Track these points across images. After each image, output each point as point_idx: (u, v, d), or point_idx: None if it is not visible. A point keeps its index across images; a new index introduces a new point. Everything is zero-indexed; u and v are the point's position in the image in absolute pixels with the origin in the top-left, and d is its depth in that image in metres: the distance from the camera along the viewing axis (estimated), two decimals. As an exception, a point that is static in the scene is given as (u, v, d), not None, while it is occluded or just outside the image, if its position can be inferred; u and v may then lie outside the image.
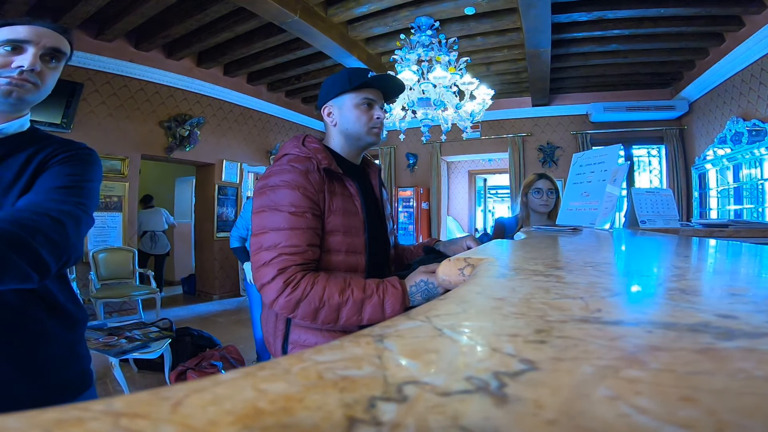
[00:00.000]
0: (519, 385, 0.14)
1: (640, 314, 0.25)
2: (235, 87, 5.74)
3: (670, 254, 0.68)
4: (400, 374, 0.15)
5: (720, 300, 0.30)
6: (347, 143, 1.14)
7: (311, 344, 1.01)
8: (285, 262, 0.92)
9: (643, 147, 6.17)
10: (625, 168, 1.53)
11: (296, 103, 6.80)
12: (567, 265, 0.50)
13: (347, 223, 1.03)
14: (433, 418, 0.12)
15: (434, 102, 3.73)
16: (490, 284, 0.36)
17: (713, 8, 3.79)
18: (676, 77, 5.44)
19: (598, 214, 1.30)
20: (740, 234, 1.62)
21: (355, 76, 1.09)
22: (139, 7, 3.86)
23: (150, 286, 4.47)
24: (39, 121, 3.85)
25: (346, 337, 0.19)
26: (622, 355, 0.17)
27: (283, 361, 0.16)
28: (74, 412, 0.12)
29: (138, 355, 2.46)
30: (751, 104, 4.08)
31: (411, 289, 0.94)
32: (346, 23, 4.39)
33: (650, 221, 1.61)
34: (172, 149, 5.02)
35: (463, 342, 0.20)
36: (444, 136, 4.23)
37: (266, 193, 0.98)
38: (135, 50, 4.65)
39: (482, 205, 8.52)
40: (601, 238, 0.99)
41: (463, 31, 4.28)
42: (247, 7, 3.70)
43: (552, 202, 1.98)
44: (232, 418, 0.12)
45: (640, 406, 0.12)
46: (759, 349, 0.17)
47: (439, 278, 0.59)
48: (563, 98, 6.16)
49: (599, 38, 4.44)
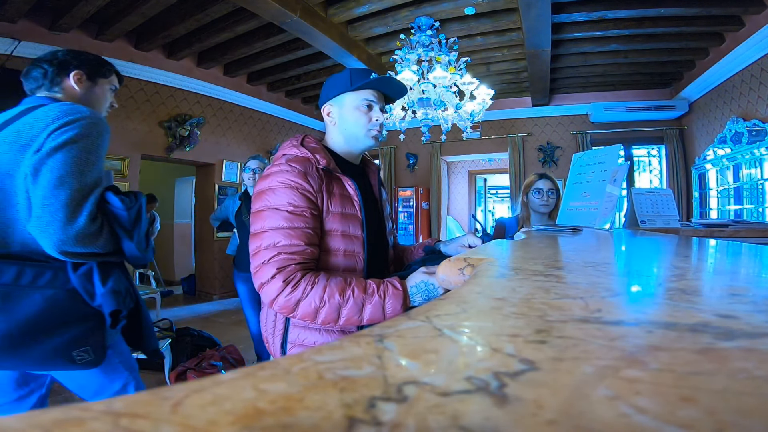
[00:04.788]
0: (519, 385, 0.14)
1: (640, 314, 0.25)
2: (235, 87, 5.74)
3: (670, 254, 0.68)
4: (400, 374, 0.15)
5: (720, 300, 0.30)
6: (346, 143, 1.13)
7: (310, 344, 1.01)
8: (284, 260, 0.92)
9: (643, 147, 6.17)
10: (625, 168, 1.53)
11: (296, 103, 6.80)
12: (567, 265, 0.50)
13: (346, 223, 1.03)
14: (433, 418, 0.12)
15: (434, 102, 3.73)
16: (490, 284, 0.36)
17: (713, 8, 3.79)
18: (676, 77, 5.44)
19: (598, 214, 1.30)
20: (740, 234, 1.62)
21: (356, 77, 1.09)
22: (139, 7, 3.86)
23: (150, 286, 4.47)
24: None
25: (346, 337, 0.19)
26: (622, 355, 0.17)
27: (283, 361, 0.16)
28: (74, 412, 0.12)
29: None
30: (751, 104, 4.08)
31: (411, 290, 0.94)
32: (346, 23, 4.39)
33: (650, 221, 1.60)
34: (172, 149, 5.02)
35: (463, 342, 0.20)
36: (444, 136, 4.23)
37: (265, 194, 0.98)
38: (135, 50, 4.65)
39: (482, 205, 8.52)
40: (601, 238, 0.99)
41: (463, 31, 4.28)
42: (247, 7, 3.69)
43: (552, 202, 1.98)
44: (232, 418, 0.12)
45: (640, 406, 0.12)
46: (759, 349, 0.17)
47: (439, 278, 0.59)
48: (563, 98, 6.16)
49: (599, 38, 4.44)
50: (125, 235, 1.08)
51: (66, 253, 0.98)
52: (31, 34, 3.82)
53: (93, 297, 1.05)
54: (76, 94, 1.18)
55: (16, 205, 1.01)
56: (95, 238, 1.01)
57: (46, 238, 0.96)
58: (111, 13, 4.02)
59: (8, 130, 1.02)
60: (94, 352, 1.05)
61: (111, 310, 1.06)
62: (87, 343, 1.04)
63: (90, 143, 1.03)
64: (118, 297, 1.07)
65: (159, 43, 4.61)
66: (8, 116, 1.05)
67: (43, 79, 1.15)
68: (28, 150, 0.98)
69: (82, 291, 1.03)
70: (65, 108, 1.04)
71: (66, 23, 3.88)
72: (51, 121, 1.00)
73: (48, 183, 0.96)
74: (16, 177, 0.99)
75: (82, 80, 1.19)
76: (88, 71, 1.22)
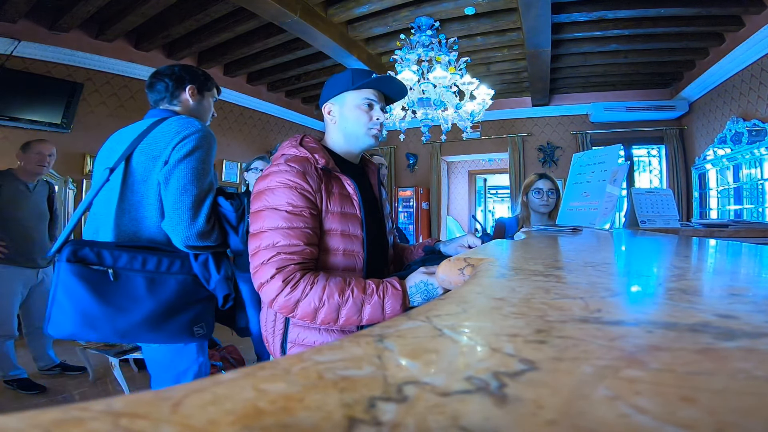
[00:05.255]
0: (519, 385, 0.14)
1: (640, 314, 0.25)
2: (235, 87, 5.74)
3: (670, 254, 0.68)
4: (400, 374, 0.15)
5: (720, 300, 0.30)
6: (346, 142, 1.13)
7: (310, 343, 1.01)
8: (283, 260, 0.92)
9: (643, 147, 6.17)
10: (625, 168, 1.53)
11: (296, 103, 6.80)
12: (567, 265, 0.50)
13: (345, 222, 1.03)
14: (433, 418, 0.12)
15: (434, 102, 3.73)
16: (490, 284, 0.36)
17: (713, 8, 3.79)
18: (676, 77, 5.44)
19: (598, 214, 1.30)
20: (740, 234, 1.62)
21: (358, 76, 1.09)
22: (139, 7, 3.86)
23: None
24: (39, 121, 3.85)
25: (346, 337, 0.19)
26: (622, 355, 0.17)
27: (283, 361, 0.16)
28: (74, 412, 0.12)
29: (138, 355, 2.45)
30: (751, 104, 4.08)
31: (411, 290, 0.94)
32: (346, 23, 4.38)
33: (650, 221, 1.60)
34: (172, 149, 5.02)
35: (463, 342, 0.20)
36: (444, 136, 4.23)
37: (264, 194, 0.98)
38: (135, 50, 4.65)
39: (482, 205, 8.52)
40: (601, 238, 0.99)
41: (463, 31, 4.28)
42: (247, 7, 3.69)
43: (552, 202, 1.98)
44: (232, 418, 0.12)
45: (640, 406, 0.12)
46: (759, 349, 0.17)
47: (439, 278, 0.59)
48: (563, 98, 6.16)
49: (599, 38, 4.44)
50: (232, 231, 1.30)
51: (189, 246, 1.21)
52: (31, 34, 3.82)
53: (209, 282, 1.25)
54: (190, 106, 1.42)
55: (147, 206, 1.22)
56: (210, 234, 1.24)
57: (176, 235, 1.19)
58: (111, 13, 4.02)
59: (143, 143, 1.24)
60: (207, 327, 1.26)
61: (225, 294, 1.26)
62: (203, 320, 1.25)
63: (203, 153, 1.25)
64: (229, 282, 1.28)
65: (159, 43, 4.61)
66: (141, 129, 1.28)
67: (165, 92, 1.38)
68: (158, 161, 1.21)
69: (201, 276, 1.24)
70: (183, 122, 1.27)
71: (66, 23, 3.88)
72: (173, 135, 1.23)
73: (175, 190, 1.19)
74: (149, 183, 1.22)
75: (194, 94, 1.43)
76: (199, 86, 1.44)
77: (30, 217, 2.56)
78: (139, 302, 1.13)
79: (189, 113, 1.40)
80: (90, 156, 4.28)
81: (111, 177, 1.20)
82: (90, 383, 2.67)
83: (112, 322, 1.10)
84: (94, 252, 1.12)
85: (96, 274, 1.11)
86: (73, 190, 4.11)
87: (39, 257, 2.58)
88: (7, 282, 2.45)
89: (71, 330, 1.11)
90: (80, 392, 2.56)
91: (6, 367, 2.47)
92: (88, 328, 1.10)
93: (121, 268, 1.13)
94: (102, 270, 1.12)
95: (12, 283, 2.47)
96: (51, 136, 3.84)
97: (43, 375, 2.68)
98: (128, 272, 1.14)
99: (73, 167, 4.18)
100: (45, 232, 2.66)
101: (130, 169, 1.22)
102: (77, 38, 4.16)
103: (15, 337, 2.51)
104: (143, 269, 1.15)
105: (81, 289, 1.09)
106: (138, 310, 1.12)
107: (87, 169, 4.27)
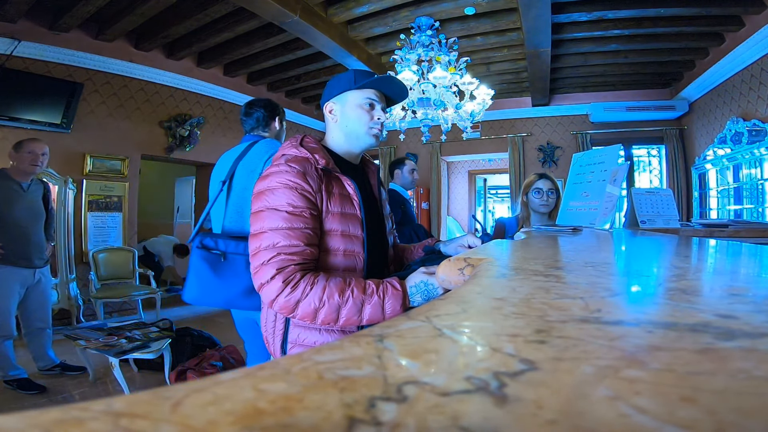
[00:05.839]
0: (519, 385, 0.14)
1: (640, 314, 0.25)
2: (235, 87, 5.74)
3: (670, 254, 0.68)
4: (400, 374, 0.15)
5: (720, 300, 0.30)
6: (347, 142, 1.13)
7: (311, 344, 1.01)
8: (284, 261, 0.92)
9: (643, 147, 6.17)
10: (625, 168, 1.53)
11: (296, 103, 6.80)
12: (567, 265, 0.50)
13: (345, 223, 1.03)
14: (433, 418, 0.12)
15: (434, 102, 3.73)
16: (490, 284, 0.36)
17: (713, 8, 3.79)
18: (676, 77, 5.44)
19: (598, 214, 1.30)
20: (740, 234, 1.62)
21: (360, 76, 1.10)
22: (139, 7, 3.86)
23: (150, 286, 4.47)
24: (39, 121, 3.85)
25: (346, 337, 0.19)
26: (622, 355, 0.17)
27: (283, 361, 0.16)
28: (74, 412, 0.12)
29: (138, 355, 2.45)
30: (751, 104, 4.08)
31: (411, 290, 0.94)
32: (346, 23, 4.38)
33: (650, 221, 1.60)
34: (172, 149, 5.02)
35: (463, 342, 0.20)
36: (444, 136, 4.23)
37: (264, 194, 0.98)
38: (135, 50, 4.65)
39: (482, 205, 8.52)
40: (601, 238, 1.00)
41: (463, 31, 4.28)
42: (247, 7, 3.69)
43: (552, 202, 1.98)
44: (232, 418, 0.12)
45: (640, 406, 0.12)
46: (759, 349, 0.17)
47: (439, 278, 0.59)
48: (563, 98, 6.16)
49: (599, 38, 4.43)
50: None
51: None
52: (31, 34, 3.82)
53: None
54: (275, 131, 1.89)
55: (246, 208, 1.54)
56: None
57: None
58: (111, 13, 4.02)
59: (243, 161, 1.68)
60: None
61: None
62: None
63: None
64: None
65: (159, 43, 4.61)
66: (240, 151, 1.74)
67: (259, 122, 1.85)
68: (255, 174, 1.62)
69: None
70: (270, 144, 1.73)
71: (66, 23, 3.88)
72: (263, 153, 1.67)
73: None
74: (248, 190, 1.54)
75: (279, 123, 1.91)
76: (281, 116, 1.93)
77: (25, 216, 2.55)
78: (240, 277, 1.48)
79: (275, 137, 1.87)
80: (90, 156, 4.29)
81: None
82: (90, 383, 2.68)
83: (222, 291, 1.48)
84: (214, 240, 1.53)
85: (213, 256, 1.51)
86: (73, 190, 4.10)
87: (36, 257, 2.58)
88: (4, 282, 2.45)
89: (195, 296, 1.53)
90: (80, 392, 2.57)
91: (6, 367, 2.47)
92: (206, 295, 1.51)
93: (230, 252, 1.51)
94: (218, 253, 1.51)
95: (9, 284, 2.47)
96: (51, 136, 3.84)
97: (43, 375, 2.68)
98: (234, 255, 1.51)
99: (73, 167, 4.18)
100: (41, 231, 2.66)
101: (234, 181, 1.66)
102: (77, 38, 4.16)
103: (14, 338, 2.51)
104: (244, 253, 1.47)
105: (204, 267, 1.50)
106: (239, 283, 1.48)
107: (87, 169, 4.27)
